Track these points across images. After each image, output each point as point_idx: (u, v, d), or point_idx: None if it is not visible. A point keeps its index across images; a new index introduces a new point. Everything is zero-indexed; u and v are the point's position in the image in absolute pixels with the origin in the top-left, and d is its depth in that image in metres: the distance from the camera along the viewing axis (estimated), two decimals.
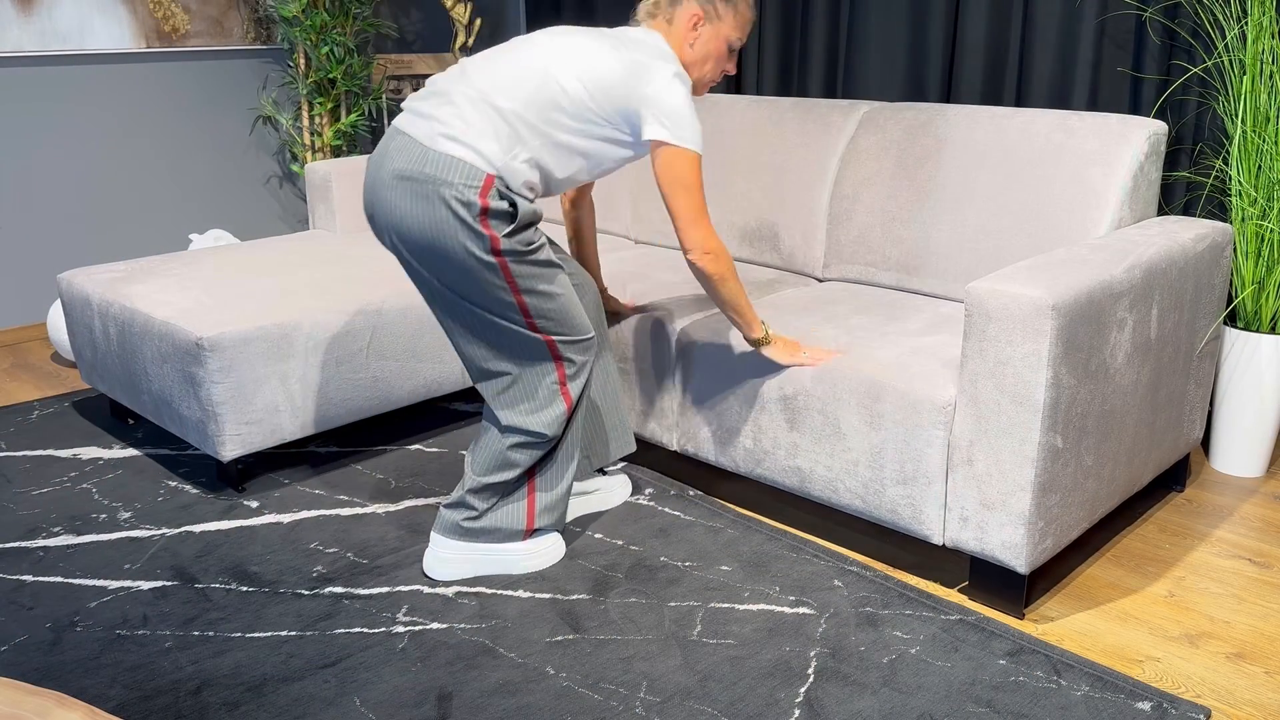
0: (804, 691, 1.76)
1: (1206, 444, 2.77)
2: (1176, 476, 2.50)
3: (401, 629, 1.96)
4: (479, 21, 4.41)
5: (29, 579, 2.16)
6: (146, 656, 1.89)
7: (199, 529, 2.36)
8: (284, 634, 1.95)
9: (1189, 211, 2.75)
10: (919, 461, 2.03)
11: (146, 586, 2.12)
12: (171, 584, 2.13)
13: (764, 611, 1.99)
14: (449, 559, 2.11)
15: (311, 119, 4.19)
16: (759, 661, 1.84)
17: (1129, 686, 1.75)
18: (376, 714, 1.72)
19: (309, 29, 3.97)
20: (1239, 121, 2.46)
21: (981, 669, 1.81)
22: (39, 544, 2.30)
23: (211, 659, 1.87)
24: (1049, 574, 2.15)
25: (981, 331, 1.89)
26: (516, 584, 2.10)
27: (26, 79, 3.70)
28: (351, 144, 4.25)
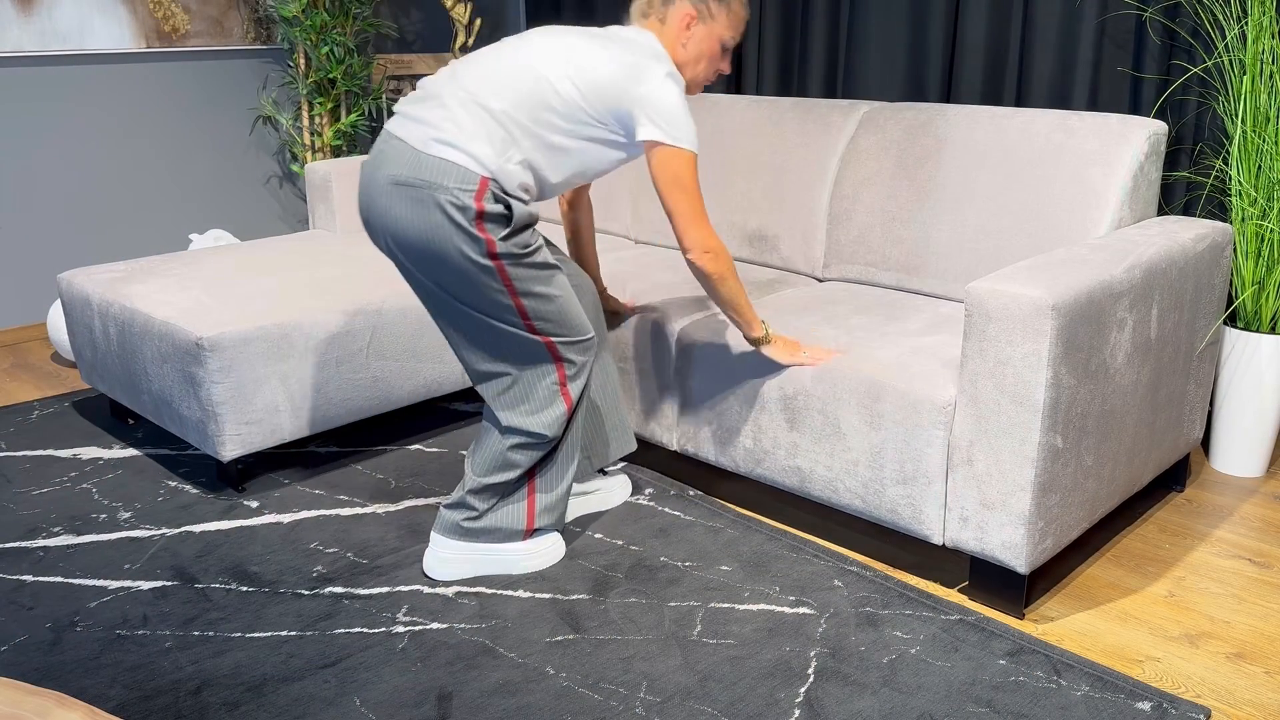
0: (804, 691, 1.76)
1: (1206, 444, 2.77)
2: (1176, 476, 2.50)
3: (401, 629, 1.96)
4: (479, 21, 4.41)
5: (29, 579, 2.16)
6: (146, 656, 1.89)
7: (199, 529, 2.36)
8: (284, 634, 1.95)
9: (1189, 211, 2.75)
10: (919, 461, 2.03)
11: (146, 586, 2.12)
12: (171, 584, 2.13)
13: (764, 611, 1.99)
14: (449, 559, 2.11)
15: (311, 119, 4.19)
16: (759, 661, 1.84)
17: (1129, 686, 1.75)
18: (376, 714, 1.72)
19: (309, 29, 3.97)
20: (1239, 121, 2.46)
21: (981, 669, 1.81)
22: (39, 544, 2.30)
23: (211, 659, 1.87)
24: (1049, 574, 2.15)
25: (981, 331, 1.89)
26: (516, 584, 2.10)
27: (26, 79, 3.70)
28: (351, 144, 4.25)
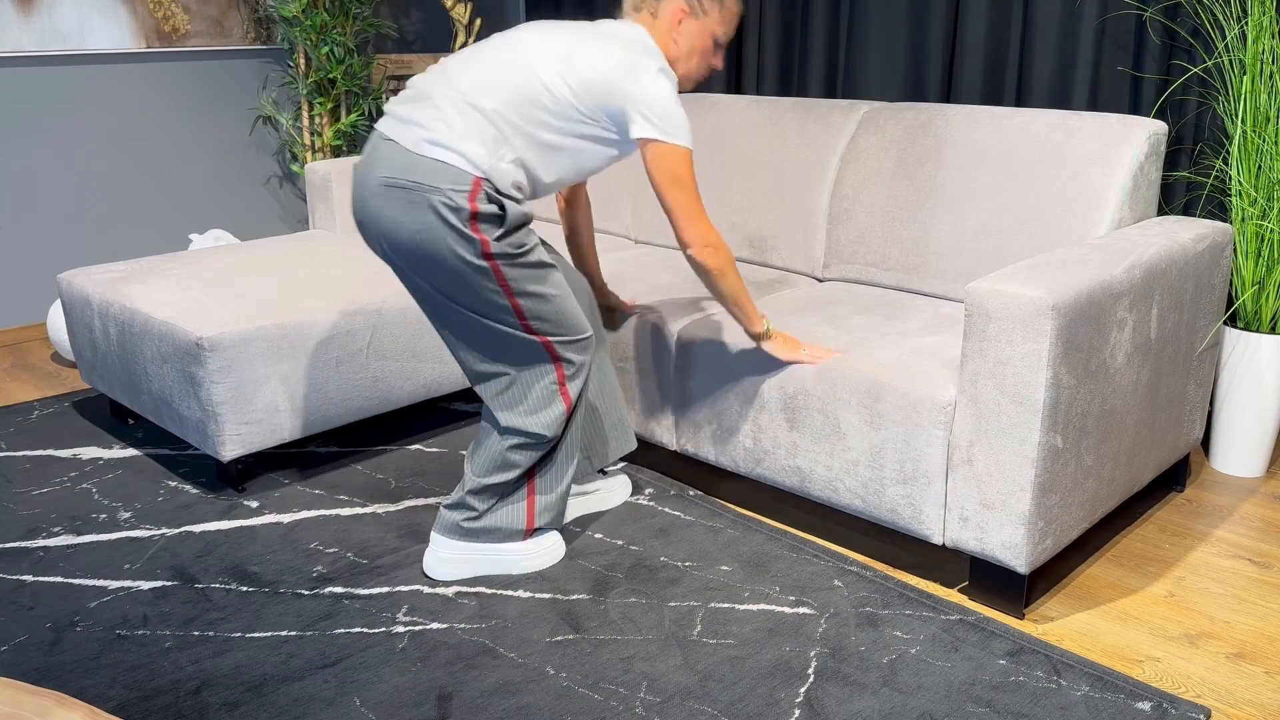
0: (804, 691, 1.76)
1: (1206, 444, 2.77)
2: (1176, 476, 2.50)
3: (401, 629, 1.96)
4: (479, 21, 4.41)
5: (29, 579, 2.16)
6: (146, 656, 1.89)
7: (199, 529, 2.36)
8: (284, 634, 1.95)
9: (1189, 211, 2.75)
10: (919, 461, 2.03)
11: (146, 586, 2.12)
12: (171, 584, 2.13)
13: (764, 611, 1.99)
14: (449, 559, 2.11)
15: (311, 119, 4.19)
16: (759, 661, 1.84)
17: (1129, 686, 1.75)
18: (376, 714, 1.72)
19: (309, 29, 3.97)
20: (1239, 121, 2.46)
21: (981, 669, 1.81)
22: (39, 544, 2.30)
23: (211, 659, 1.87)
24: (1049, 574, 2.15)
25: (981, 331, 1.89)
26: (516, 584, 2.10)
27: (26, 79, 3.70)
28: (351, 144, 4.25)
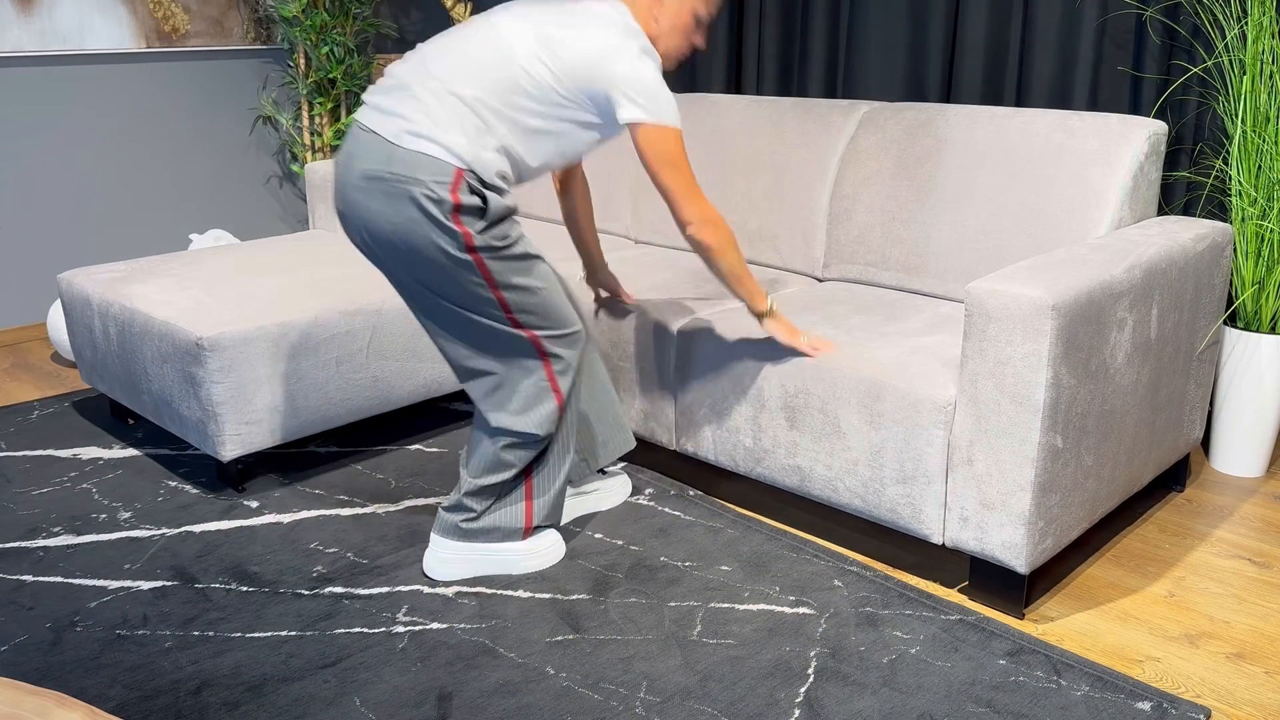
0: (804, 691, 1.76)
1: (1206, 444, 2.77)
2: (1176, 476, 2.50)
3: (401, 629, 1.96)
4: None
5: (29, 579, 2.16)
6: (146, 656, 1.89)
7: (199, 529, 2.36)
8: (284, 634, 1.95)
9: (1189, 211, 2.75)
10: (919, 461, 2.03)
11: (146, 586, 2.12)
12: (171, 584, 2.13)
13: (764, 611, 1.99)
14: (449, 559, 2.11)
15: (311, 119, 4.20)
16: (759, 661, 1.84)
17: (1129, 686, 1.75)
18: (376, 714, 1.72)
19: (309, 29, 3.97)
20: (1239, 121, 2.46)
21: (981, 669, 1.81)
22: (39, 544, 2.30)
23: (211, 659, 1.87)
24: (1049, 574, 2.15)
25: (981, 331, 1.89)
26: (516, 584, 2.10)
27: (26, 79, 3.70)
28: None
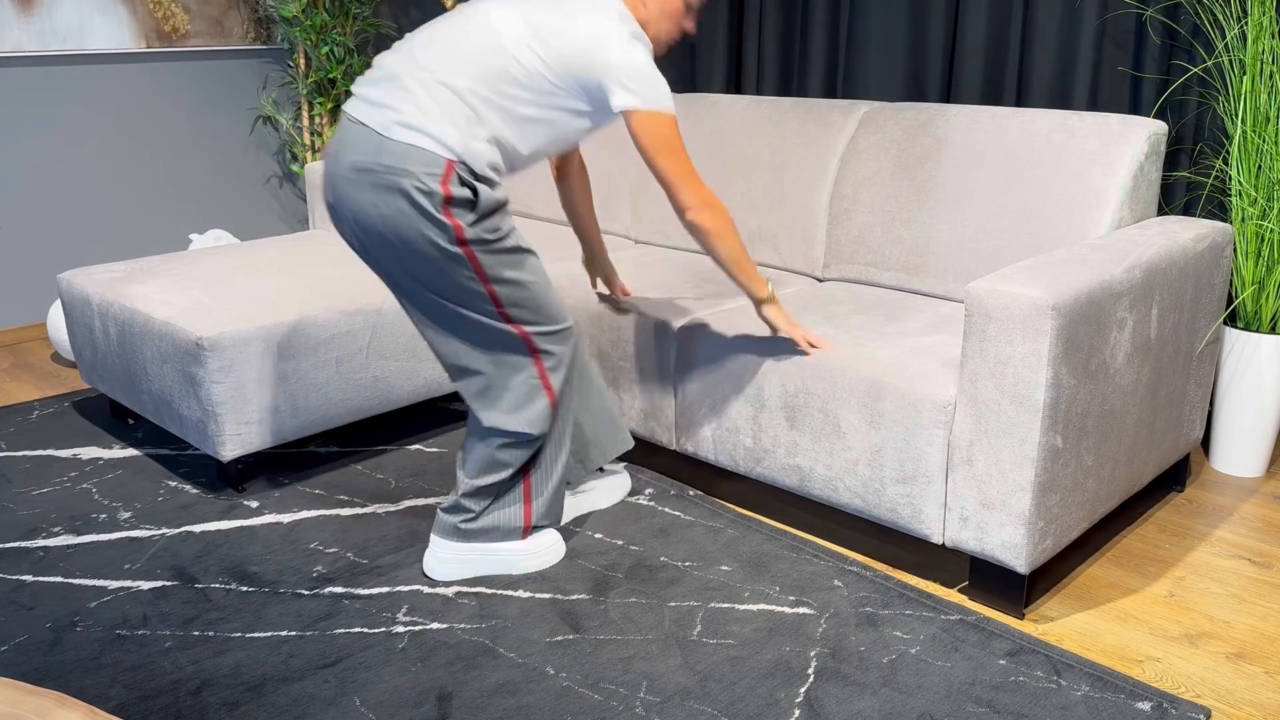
0: (804, 691, 1.76)
1: (1206, 444, 2.77)
2: (1176, 476, 2.50)
3: (401, 629, 1.96)
4: None
5: (29, 579, 2.16)
6: (146, 656, 1.89)
7: (199, 529, 2.36)
8: (284, 634, 1.95)
9: (1189, 211, 2.75)
10: (919, 461, 2.03)
11: (146, 586, 2.12)
12: (171, 584, 2.13)
13: (764, 611, 1.99)
14: (448, 559, 2.11)
15: (311, 119, 4.20)
16: (759, 661, 1.84)
17: (1129, 686, 1.75)
18: (376, 714, 1.72)
19: (309, 29, 3.97)
20: (1239, 121, 2.46)
21: (981, 669, 1.81)
22: (39, 544, 2.30)
23: (211, 659, 1.87)
24: (1049, 574, 2.15)
25: (981, 331, 1.89)
26: (516, 584, 2.10)
27: (26, 79, 3.70)
28: None
